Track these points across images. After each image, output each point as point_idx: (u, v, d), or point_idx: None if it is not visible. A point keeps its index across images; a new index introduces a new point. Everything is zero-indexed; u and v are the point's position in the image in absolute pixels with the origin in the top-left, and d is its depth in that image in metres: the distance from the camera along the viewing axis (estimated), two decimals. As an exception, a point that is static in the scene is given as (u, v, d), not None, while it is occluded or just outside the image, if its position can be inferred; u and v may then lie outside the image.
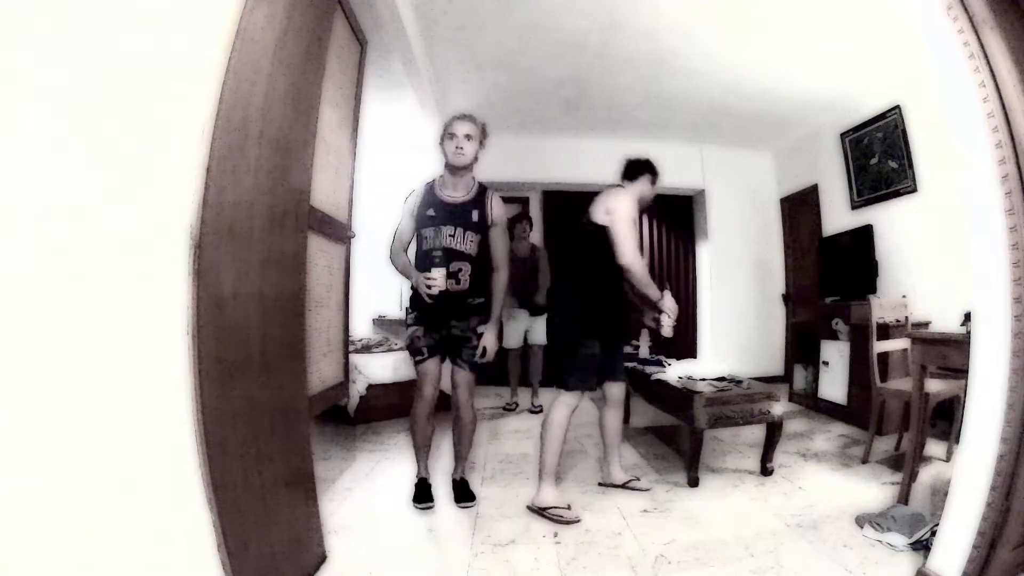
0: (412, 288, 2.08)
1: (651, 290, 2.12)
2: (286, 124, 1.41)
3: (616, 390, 2.31)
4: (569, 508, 2.02)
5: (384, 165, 4.51)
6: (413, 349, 2.09)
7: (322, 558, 1.60)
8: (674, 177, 5.20)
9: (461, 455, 2.20)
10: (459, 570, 1.62)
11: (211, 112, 1.10)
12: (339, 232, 1.97)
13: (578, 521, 1.97)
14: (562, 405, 2.12)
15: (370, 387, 3.47)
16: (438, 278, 1.96)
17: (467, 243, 2.03)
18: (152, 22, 0.99)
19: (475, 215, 2.05)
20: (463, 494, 2.13)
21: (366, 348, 3.88)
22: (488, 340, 2.07)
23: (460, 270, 2.02)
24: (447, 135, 2.04)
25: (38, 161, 0.82)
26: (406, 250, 2.18)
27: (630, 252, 2.06)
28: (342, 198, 2.02)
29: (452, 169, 2.06)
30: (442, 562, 1.71)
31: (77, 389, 0.87)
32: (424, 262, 2.04)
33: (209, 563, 1.10)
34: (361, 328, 4.72)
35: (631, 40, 3.22)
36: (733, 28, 3.08)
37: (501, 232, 2.11)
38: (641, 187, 2.30)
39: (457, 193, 2.08)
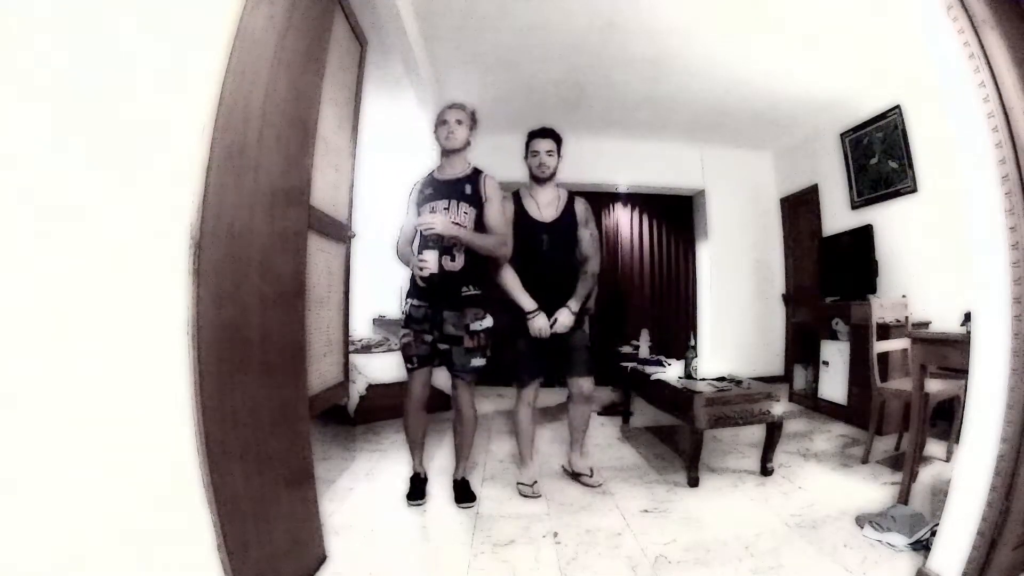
0: (411, 278, 2.14)
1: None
2: (286, 124, 1.40)
3: (575, 387, 2.32)
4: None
5: (384, 165, 4.51)
6: (406, 356, 2.14)
7: (322, 558, 1.60)
8: (674, 177, 5.24)
9: (462, 455, 2.21)
10: (459, 570, 1.62)
11: (211, 112, 1.10)
12: (339, 232, 1.97)
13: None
14: (519, 404, 2.32)
15: (370, 387, 3.47)
16: (429, 259, 1.99)
17: (461, 215, 2.05)
18: (152, 22, 0.99)
19: (468, 188, 2.10)
20: (464, 494, 2.14)
21: (366, 348, 3.88)
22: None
23: (455, 245, 2.04)
24: (440, 123, 2.13)
25: (38, 161, 0.82)
26: (412, 242, 2.21)
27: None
28: (342, 198, 2.02)
29: (446, 152, 2.15)
30: (442, 562, 1.71)
31: (77, 389, 0.87)
32: (422, 245, 2.09)
33: (209, 563, 1.10)
34: (361, 328, 4.72)
35: (631, 40, 3.22)
36: (733, 28, 3.08)
37: (497, 207, 2.12)
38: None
39: (453, 172, 2.14)
